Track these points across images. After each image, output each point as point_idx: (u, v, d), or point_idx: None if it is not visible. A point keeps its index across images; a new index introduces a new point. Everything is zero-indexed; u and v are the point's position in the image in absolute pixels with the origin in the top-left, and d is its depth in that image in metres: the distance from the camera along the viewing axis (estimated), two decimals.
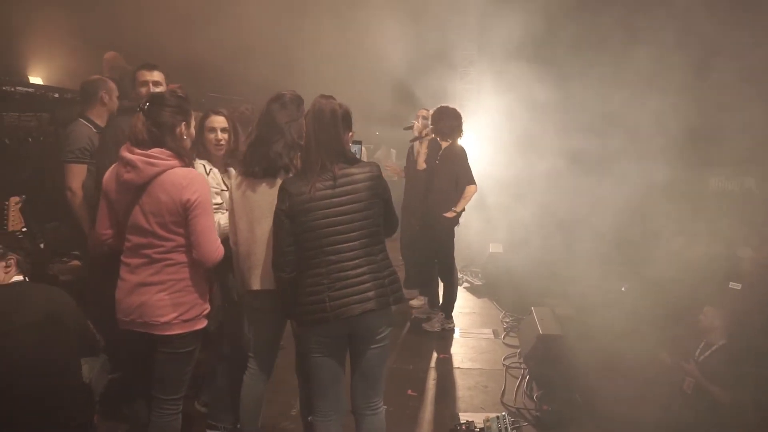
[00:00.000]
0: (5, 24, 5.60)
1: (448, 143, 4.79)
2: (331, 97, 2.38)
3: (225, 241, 2.56)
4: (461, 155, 4.73)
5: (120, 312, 2.33)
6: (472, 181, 4.71)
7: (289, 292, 2.36)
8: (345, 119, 2.35)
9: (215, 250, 2.30)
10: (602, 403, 3.48)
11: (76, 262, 3.86)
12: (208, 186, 2.39)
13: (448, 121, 4.74)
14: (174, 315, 2.28)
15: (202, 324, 2.38)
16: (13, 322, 2.21)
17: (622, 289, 5.48)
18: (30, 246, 3.20)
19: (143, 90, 3.11)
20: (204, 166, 2.87)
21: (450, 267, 4.90)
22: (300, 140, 2.52)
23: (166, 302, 2.26)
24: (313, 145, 2.29)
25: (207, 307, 2.41)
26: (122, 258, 2.35)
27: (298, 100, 2.59)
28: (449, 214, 4.66)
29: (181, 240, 2.27)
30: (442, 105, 4.89)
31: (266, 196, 2.51)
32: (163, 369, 2.37)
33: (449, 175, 4.71)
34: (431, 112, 4.91)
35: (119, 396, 3.10)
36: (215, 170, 2.91)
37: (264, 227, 2.52)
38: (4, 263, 2.37)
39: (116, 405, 3.09)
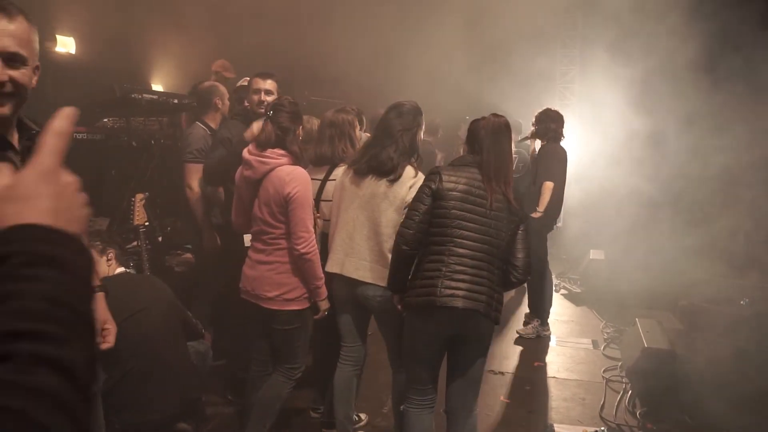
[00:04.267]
0: (134, 40, 6.19)
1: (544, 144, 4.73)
2: (502, 116, 2.50)
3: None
4: (547, 154, 4.62)
5: (242, 282, 2.67)
6: (548, 178, 4.54)
7: (401, 269, 2.40)
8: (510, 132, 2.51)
9: (304, 240, 2.48)
10: (716, 427, 3.21)
11: (189, 255, 4.18)
12: (308, 182, 2.57)
13: (545, 123, 4.69)
14: (277, 293, 2.54)
15: (303, 305, 2.58)
16: (133, 308, 2.45)
17: (742, 302, 5.02)
18: (149, 239, 3.53)
19: (255, 97, 3.29)
20: None
21: (540, 272, 4.74)
22: (412, 149, 2.63)
23: (273, 280, 2.55)
24: (492, 157, 2.39)
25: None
26: (251, 240, 2.71)
27: (416, 111, 2.68)
28: (534, 215, 4.53)
29: (286, 228, 2.53)
30: (546, 107, 4.84)
31: (359, 190, 2.64)
32: (275, 341, 2.68)
33: (534, 176, 4.66)
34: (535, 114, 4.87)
35: (224, 381, 3.34)
36: None
37: (349, 215, 2.65)
38: (105, 257, 2.64)
39: (221, 389, 3.32)
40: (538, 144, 4.90)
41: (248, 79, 3.75)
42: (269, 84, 3.31)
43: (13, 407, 0.44)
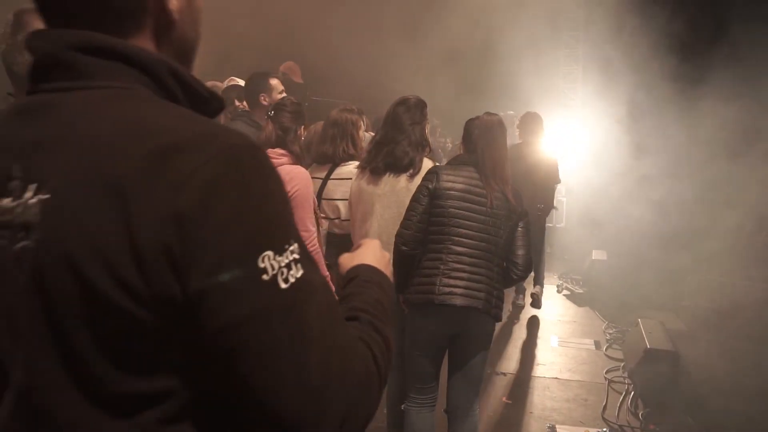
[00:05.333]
0: None
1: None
2: (495, 114, 2.51)
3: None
4: None
5: None
6: None
7: (402, 269, 2.39)
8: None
9: (305, 240, 2.46)
10: (719, 429, 3.19)
11: None
12: (308, 181, 2.55)
13: (521, 126, 5.20)
14: None
15: None
16: None
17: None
18: None
19: (279, 97, 3.36)
20: None
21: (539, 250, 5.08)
22: (423, 141, 2.64)
23: None
24: (486, 156, 2.40)
25: None
26: None
27: (422, 105, 2.68)
28: None
29: None
30: (527, 111, 5.30)
31: (378, 189, 2.62)
32: None
33: None
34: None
35: None
36: None
37: (375, 216, 2.62)
38: None
39: None
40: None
41: (234, 79, 3.78)
42: (280, 84, 3.40)
43: (367, 341, 0.74)
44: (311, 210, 2.54)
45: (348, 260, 0.99)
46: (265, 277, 0.60)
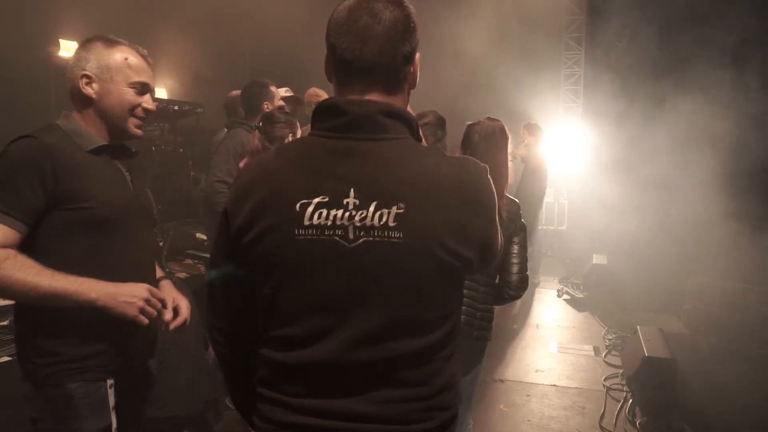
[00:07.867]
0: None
1: None
2: (497, 120, 2.36)
3: None
4: None
5: None
6: None
7: None
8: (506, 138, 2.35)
9: None
10: None
11: (188, 261, 4.19)
12: None
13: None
14: None
15: None
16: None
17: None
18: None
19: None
20: None
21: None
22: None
23: None
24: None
25: None
26: None
27: (441, 121, 2.51)
28: None
29: None
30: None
31: None
32: None
33: None
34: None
35: (224, 389, 3.34)
36: None
37: None
38: None
39: (221, 397, 3.32)
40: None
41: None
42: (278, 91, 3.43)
43: None
44: None
45: None
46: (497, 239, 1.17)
